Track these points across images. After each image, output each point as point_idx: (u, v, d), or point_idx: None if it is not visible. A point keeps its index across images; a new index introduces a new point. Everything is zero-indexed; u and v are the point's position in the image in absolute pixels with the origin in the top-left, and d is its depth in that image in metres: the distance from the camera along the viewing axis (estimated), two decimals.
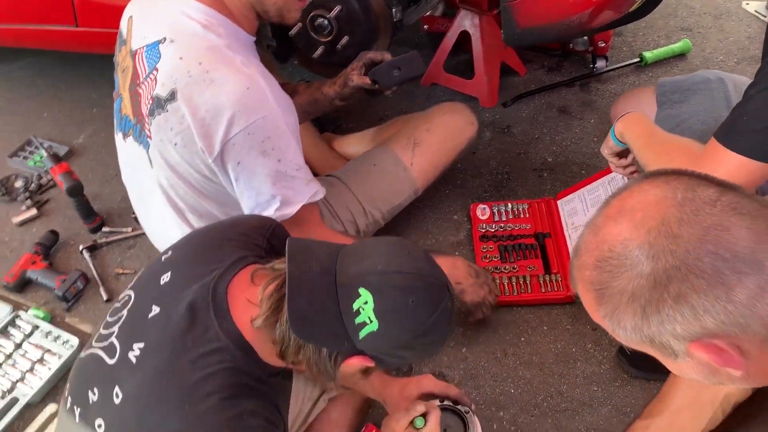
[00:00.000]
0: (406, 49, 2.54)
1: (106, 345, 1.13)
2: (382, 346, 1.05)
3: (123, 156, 1.65)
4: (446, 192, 2.19)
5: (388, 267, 1.05)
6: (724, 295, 0.72)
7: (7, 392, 1.79)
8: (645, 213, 0.76)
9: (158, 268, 1.18)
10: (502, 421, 1.65)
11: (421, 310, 1.04)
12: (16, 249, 2.20)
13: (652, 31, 2.71)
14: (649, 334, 0.78)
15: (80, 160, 2.50)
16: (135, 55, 1.47)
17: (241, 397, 1.03)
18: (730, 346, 0.75)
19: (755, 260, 0.71)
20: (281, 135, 1.39)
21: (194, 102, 1.36)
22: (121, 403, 1.05)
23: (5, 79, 2.92)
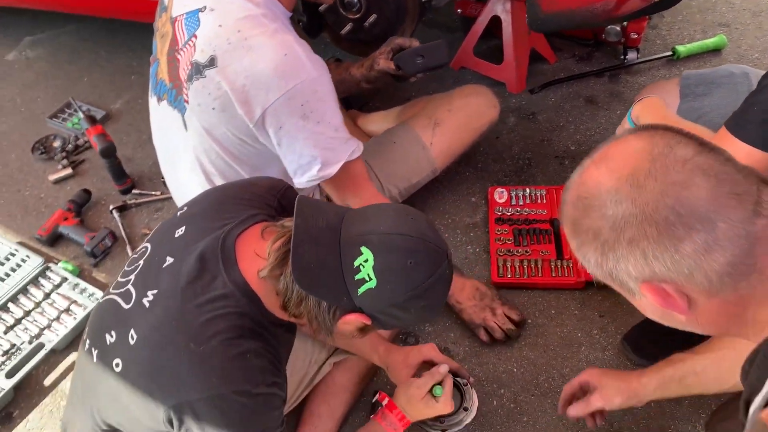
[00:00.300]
0: (437, 33, 2.58)
1: (123, 291, 1.20)
2: (379, 304, 1.09)
3: (155, 119, 1.72)
4: (466, 174, 2.22)
5: (390, 229, 1.09)
6: (672, 246, 0.77)
7: (35, 338, 1.90)
8: (621, 162, 0.82)
9: (174, 222, 1.25)
10: (503, 398, 1.69)
11: (419, 272, 1.08)
12: (51, 205, 2.30)
13: (688, 25, 2.67)
14: (608, 270, 0.84)
15: (116, 124, 2.59)
16: (175, 22, 1.53)
17: (244, 338, 1.09)
18: (676, 292, 0.81)
19: (708, 219, 0.76)
20: (319, 98, 1.45)
21: (233, 69, 1.41)
22: (135, 343, 1.12)
23: (50, 44, 3.02)
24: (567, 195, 0.88)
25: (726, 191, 0.77)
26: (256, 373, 1.09)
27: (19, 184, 2.40)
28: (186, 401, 1.07)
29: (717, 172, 0.78)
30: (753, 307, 0.82)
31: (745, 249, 0.77)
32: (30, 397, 1.82)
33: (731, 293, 0.80)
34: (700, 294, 0.81)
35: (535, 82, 2.49)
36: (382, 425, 1.39)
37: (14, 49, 3.01)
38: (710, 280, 0.79)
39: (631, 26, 2.40)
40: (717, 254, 0.77)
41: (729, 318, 0.84)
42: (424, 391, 1.41)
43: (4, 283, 2.02)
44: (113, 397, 1.17)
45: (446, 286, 1.15)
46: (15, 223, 2.26)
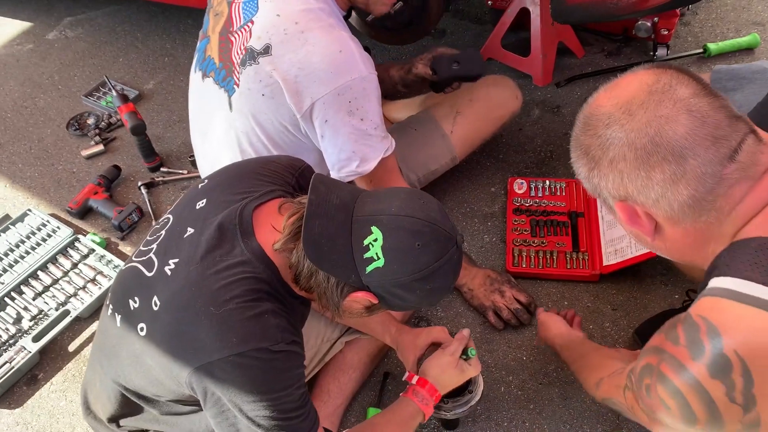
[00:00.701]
0: (467, 24, 2.60)
1: (145, 260, 1.24)
2: (386, 284, 1.12)
3: (195, 93, 1.75)
4: (487, 164, 2.23)
5: (401, 210, 1.11)
6: (644, 171, 0.88)
7: (61, 305, 1.97)
8: (622, 91, 0.91)
9: (195, 194, 1.29)
10: (510, 385, 1.71)
11: (426, 254, 1.10)
12: (82, 179, 2.38)
13: (722, 23, 2.64)
14: (594, 185, 0.96)
15: (148, 103, 2.66)
16: (232, 4, 1.56)
17: (261, 300, 1.12)
18: (644, 214, 0.92)
19: (680, 154, 0.85)
20: (366, 96, 1.48)
21: (287, 59, 1.45)
22: (158, 309, 1.16)
23: (89, 24, 3.11)
24: (579, 114, 0.98)
25: (705, 132, 0.85)
26: (275, 331, 1.12)
27: (53, 159, 2.48)
28: (207, 363, 1.10)
29: (703, 114, 0.86)
30: (712, 244, 0.91)
31: (708, 187, 0.86)
32: (54, 361, 1.90)
33: (691, 224, 0.90)
34: (665, 220, 0.91)
35: (562, 76, 2.49)
36: (415, 401, 1.40)
37: (55, 29, 3.11)
38: (673, 209, 0.88)
39: (662, 22, 2.38)
40: (682, 186, 0.86)
41: (690, 248, 0.94)
42: (457, 356, 1.43)
43: (35, 252, 2.10)
44: (136, 360, 1.22)
45: (454, 271, 1.17)
46: (48, 196, 2.35)
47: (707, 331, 0.83)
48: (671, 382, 0.87)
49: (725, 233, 0.90)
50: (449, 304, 1.88)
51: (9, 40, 3.09)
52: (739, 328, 0.82)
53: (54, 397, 1.83)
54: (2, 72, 2.91)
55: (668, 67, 0.93)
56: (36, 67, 2.91)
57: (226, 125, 1.64)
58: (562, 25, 2.39)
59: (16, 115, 2.69)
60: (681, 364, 0.86)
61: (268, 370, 1.12)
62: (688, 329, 0.87)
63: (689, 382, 0.85)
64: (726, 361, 0.81)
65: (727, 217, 0.88)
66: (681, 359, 0.86)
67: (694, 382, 0.84)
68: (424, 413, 1.40)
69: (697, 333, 0.84)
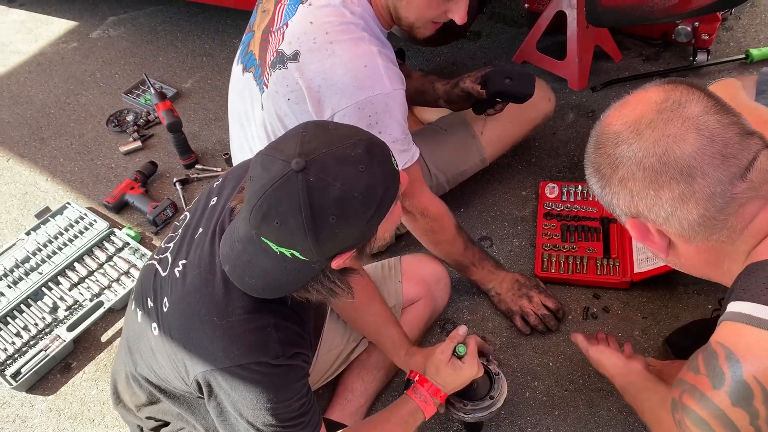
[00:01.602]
0: (502, 26, 2.58)
1: (162, 258, 1.27)
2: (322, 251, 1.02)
3: (236, 85, 1.76)
4: (519, 168, 2.21)
5: (247, 211, 1.03)
6: (653, 191, 0.87)
7: (95, 296, 2.02)
8: (632, 109, 0.91)
9: (211, 192, 1.30)
10: (536, 391, 1.69)
11: (288, 220, 0.99)
12: (120, 175, 2.44)
13: (766, 28, 2.57)
14: (606, 201, 0.96)
15: (185, 102, 2.71)
16: (278, 3, 1.58)
17: (263, 312, 1.13)
18: (656, 231, 0.92)
19: (689, 173, 0.84)
20: (388, 111, 1.48)
21: (313, 68, 1.46)
22: (167, 311, 1.19)
23: (132, 24, 3.19)
24: (592, 131, 0.99)
25: (713, 151, 0.84)
26: (276, 346, 1.13)
27: (93, 154, 2.55)
28: (211, 370, 1.13)
29: (712, 132, 0.85)
30: (727, 262, 0.90)
31: (718, 206, 0.85)
32: (87, 350, 1.95)
33: (704, 243, 0.89)
34: (677, 237, 0.91)
35: (598, 80, 2.45)
36: (413, 398, 1.41)
37: (98, 28, 3.19)
38: (683, 228, 0.88)
39: (703, 27, 2.33)
40: (691, 206, 0.86)
41: (706, 264, 0.94)
42: (448, 353, 1.40)
43: (72, 244, 2.16)
44: (153, 356, 1.25)
45: (327, 187, 0.97)
46: (86, 190, 2.41)
47: (726, 358, 0.83)
48: (695, 413, 0.86)
49: (739, 251, 0.89)
50: (475, 307, 1.87)
51: (56, 38, 3.18)
52: (758, 353, 0.80)
53: (86, 385, 1.87)
54: (48, 69, 3.00)
55: (680, 82, 0.92)
56: (79, 64, 3.00)
57: (260, 121, 1.66)
58: (598, 29, 2.36)
59: (59, 111, 2.77)
60: (702, 394, 0.85)
61: (268, 383, 1.13)
62: (707, 357, 0.86)
63: (713, 412, 0.84)
64: (747, 389, 0.80)
65: (739, 236, 0.88)
66: (702, 389, 0.85)
67: (717, 411, 0.83)
68: (423, 411, 1.39)
69: (717, 360, 0.84)
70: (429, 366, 1.42)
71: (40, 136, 2.67)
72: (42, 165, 2.54)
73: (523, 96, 1.79)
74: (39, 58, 3.08)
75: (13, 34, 3.27)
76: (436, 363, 1.40)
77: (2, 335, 1.95)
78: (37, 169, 2.53)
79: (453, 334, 1.45)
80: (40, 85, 2.93)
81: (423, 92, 1.91)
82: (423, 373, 1.43)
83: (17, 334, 1.95)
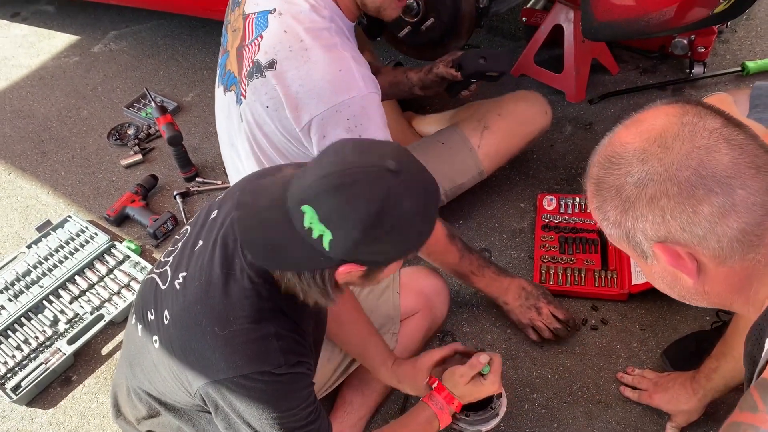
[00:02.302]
0: (500, 40, 2.60)
1: (162, 272, 1.27)
2: (350, 249, 1.02)
3: (221, 107, 1.79)
4: (517, 180, 2.23)
5: (318, 174, 1.02)
6: (690, 206, 0.81)
7: (96, 309, 2.03)
8: (650, 124, 0.86)
9: (211, 206, 1.31)
10: (534, 403, 1.69)
11: (359, 202, 0.99)
12: (120, 188, 2.45)
13: (761, 41, 2.59)
14: (626, 229, 0.87)
15: (186, 115, 2.74)
16: (246, 19, 1.62)
17: (264, 321, 1.14)
18: (687, 254, 0.84)
19: (728, 184, 0.80)
20: (366, 114, 1.50)
21: (290, 75, 1.49)
22: (168, 324, 1.19)
23: (133, 38, 3.21)
24: (594, 157, 0.91)
25: (747, 161, 0.80)
26: (278, 355, 1.13)
27: (94, 167, 2.57)
28: (214, 381, 1.13)
29: (741, 143, 0.82)
30: (756, 284, 0.85)
31: (758, 218, 0.80)
32: (88, 363, 1.95)
33: (739, 262, 0.83)
34: (710, 260, 0.84)
35: (595, 93, 2.47)
36: (430, 405, 1.41)
37: (100, 42, 3.22)
38: (721, 246, 0.82)
39: (699, 40, 2.36)
40: (731, 219, 0.80)
41: (734, 290, 0.87)
42: (466, 379, 1.42)
43: (73, 257, 2.17)
44: (154, 369, 1.26)
45: (404, 197, 1.01)
46: (87, 203, 2.43)
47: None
48: None
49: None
50: (474, 319, 1.88)
51: (57, 52, 3.21)
52: None
53: (86, 398, 1.88)
54: (50, 83, 3.03)
55: (682, 100, 0.90)
56: (81, 78, 3.02)
57: (244, 135, 1.68)
58: (595, 42, 2.38)
59: (61, 125, 2.79)
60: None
61: (272, 393, 1.14)
62: (764, 392, 0.79)
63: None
64: None
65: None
66: (763, 426, 0.77)
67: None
68: (439, 419, 1.40)
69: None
70: (446, 379, 1.44)
71: (41, 149, 2.69)
72: (43, 178, 2.56)
73: (498, 74, 1.80)
74: (41, 72, 3.11)
75: (15, 48, 3.30)
76: (455, 383, 1.42)
77: (3, 348, 1.95)
78: (38, 182, 2.55)
79: (474, 362, 1.44)
80: (42, 99, 2.95)
81: (397, 83, 1.92)
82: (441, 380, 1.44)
83: (18, 347, 1.95)
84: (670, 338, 1.74)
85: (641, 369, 1.68)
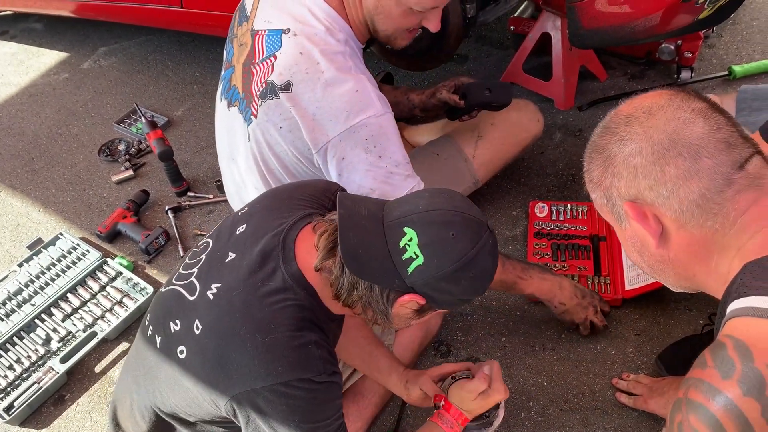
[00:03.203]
0: (489, 49, 2.62)
1: (187, 283, 1.26)
2: (430, 281, 1.11)
3: (222, 121, 1.78)
4: (508, 188, 2.23)
5: (428, 207, 1.13)
6: (659, 167, 0.90)
7: (89, 326, 2.02)
8: (644, 98, 0.96)
9: (236, 220, 1.31)
10: (531, 411, 1.69)
11: (462, 241, 1.11)
12: (112, 204, 2.44)
13: (747, 45, 2.62)
14: (605, 188, 0.97)
15: (176, 130, 2.73)
16: (255, 35, 1.61)
17: (305, 330, 1.14)
18: (652, 216, 0.93)
19: (696, 151, 0.88)
20: (383, 133, 1.50)
21: (306, 97, 1.49)
22: (200, 333, 1.18)
23: (123, 54, 3.22)
24: (594, 130, 1.01)
25: (720, 137, 0.89)
26: (318, 363, 1.14)
27: (85, 184, 2.56)
28: (251, 390, 1.12)
29: (719, 122, 0.90)
30: (716, 255, 0.91)
31: (719, 186, 0.87)
32: (81, 382, 1.94)
33: (698, 228, 0.90)
34: (672, 222, 0.92)
35: (584, 99, 2.49)
36: (439, 424, 1.41)
37: (89, 59, 3.22)
38: (682, 208, 0.90)
39: (686, 45, 2.37)
40: (694, 183, 0.88)
41: (695, 258, 0.94)
42: (476, 394, 1.43)
43: (65, 275, 2.16)
44: (174, 382, 1.24)
45: (491, 254, 1.16)
46: (79, 220, 2.42)
47: (735, 347, 0.80)
48: (703, 408, 0.80)
49: (729, 245, 0.89)
50: (469, 329, 1.87)
51: (47, 69, 3.21)
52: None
53: (80, 417, 1.86)
54: (39, 100, 3.02)
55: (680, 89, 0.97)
56: (71, 95, 3.02)
57: (249, 152, 1.68)
58: (583, 49, 2.40)
59: (51, 142, 2.78)
60: (711, 386, 0.80)
61: (310, 401, 1.14)
62: (714, 350, 0.83)
63: (723, 405, 0.78)
64: (758, 376, 0.76)
65: (731, 228, 0.88)
66: (711, 381, 0.81)
67: (728, 403, 0.78)
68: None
69: (725, 351, 0.81)
70: (454, 396, 1.44)
71: (32, 167, 2.68)
72: (34, 196, 2.55)
73: (501, 106, 1.84)
74: (30, 90, 3.11)
75: (4, 66, 3.30)
76: (462, 398, 1.42)
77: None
78: (29, 200, 2.54)
79: (482, 376, 1.44)
80: (32, 116, 2.94)
81: (397, 104, 1.92)
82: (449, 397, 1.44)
83: (10, 367, 1.94)
84: (665, 343, 1.74)
85: (636, 374, 1.68)
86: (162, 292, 1.34)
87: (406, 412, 1.73)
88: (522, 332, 1.85)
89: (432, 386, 1.51)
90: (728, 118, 0.91)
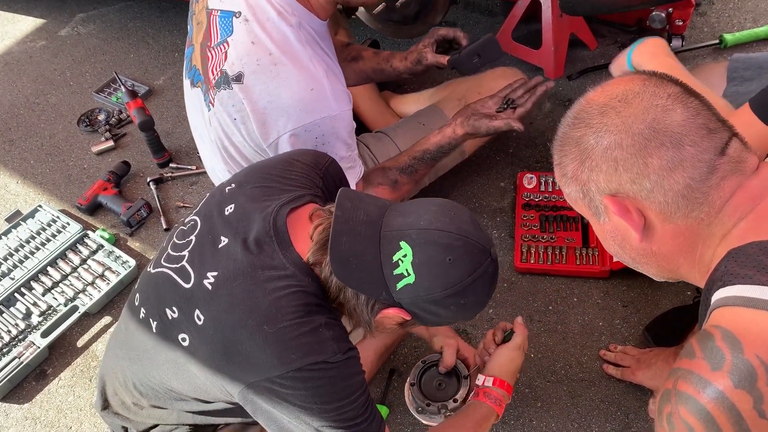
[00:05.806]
0: (477, 16, 2.56)
1: (178, 267, 1.21)
2: (418, 301, 1.08)
3: (189, 100, 1.75)
4: (497, 159, 2.20)
5: (430, 224, 1.08)
6: (641, 159, 0.85)
7: (70, 300, 1.98)
8: (616, 85, 0.91)
9: (223, 198, 1.26)
10: (518, 383, 1.68)
11: (458, 268, 1.07)
12: (92, 176, 2.39)
13: (739, 13, 2.58)
14: (581, 182, 0.91)
15: (158, 99, 2.67)
16: (210, 15, 1.54)
17: (313, 314, 1.10)
18: (635, 209, 0.88)
19: (678, 140, 0.84)
20: (335, 133, 1.47)
21: (257, 90, 1.44)
22: (203, 325, 1.14)
23: (101, 21, 3.12)
24: (563, 120, 0.95)
25: (700, 122, 0.85)
26: (331, 343, 1.10)
27: (64, 155, 2.50)
28: (265, 378, 1.09)
29: (697, 107, 0.86)
30: (700, 246, 0.88)
31: (703, 174, 0.84)
32: (63, 356, 1.91)
33: (683, 219, 0.87)
34: (656, 215, 0.88)
35: (574, 68, 2.45)
36: (487, 402, 1.38)
37: (67, 25, 3.12)
38: (667, 200, 0.86)
39: (677, 13, 2.33)
40: (678, 174, 0.84)
41: (680, 251, 0.90)
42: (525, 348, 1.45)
43: (45, 248, 2.12)
44: (178, 368, 1.20)
45: (488, 284, 1.13)
46: (59, 192, 2.36)
47: (723, 338, 0.77)
48: (693, 399, 0.78)
49: (714, 234, 0.87)
50: None
51: (23, 37, 3.11)
52: (757, 332, 0.76)
53: (62, 392, 1.84)
54: (15, 69, 2.94)
55: (650, 73, 0.93)
56: (48, 63, 2.93)
57: (212, 136, 1.64)
58: (573, 17, 2.35)
59: (28, 112, 2.71)
60: (701, 378, 0.78)
61: (328, 382, 1.11)
62: (702, 340, 0.80)
63: (714, 396, 0.76)
64: (749, 367, 0.75)
65: (716, 216, 0.86)
66: (700, 372, 0.78)
67: (719, 395, 0.76)
68: (497, 413, 1.38)
69: (713, 341, 0.78)
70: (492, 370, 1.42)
71: (9, 137, 2.61)
72: (12, 167, 2.49)
73: (494, 61, 1.79)
74: (6, 58, 3.01)
75: None
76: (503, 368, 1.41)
77: None
78: (6, 171, 2.48)
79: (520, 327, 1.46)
80: (8, 85, 2.86)
81: (381, 71, 1.87)
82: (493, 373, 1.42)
83: None
84: (652, 314, 1.74)
85: (624, 346, 1.68)
86: (151, 273, 1.28)
87: (393, 384, 1.72)
88: (509, 303, 1.84)
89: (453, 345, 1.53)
90: (703, 101, 0.88)
